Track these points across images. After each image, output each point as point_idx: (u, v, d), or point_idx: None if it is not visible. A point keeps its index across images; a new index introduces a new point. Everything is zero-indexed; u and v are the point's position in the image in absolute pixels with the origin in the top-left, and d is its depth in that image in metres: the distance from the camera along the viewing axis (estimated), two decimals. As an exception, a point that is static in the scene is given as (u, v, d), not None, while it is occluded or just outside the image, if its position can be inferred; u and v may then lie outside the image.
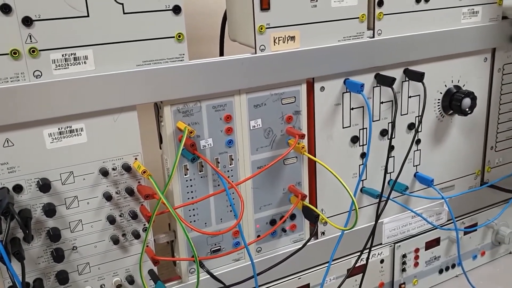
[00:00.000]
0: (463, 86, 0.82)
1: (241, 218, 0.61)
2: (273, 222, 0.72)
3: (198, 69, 0.60)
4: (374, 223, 0.75)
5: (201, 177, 0.65)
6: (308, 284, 0.77)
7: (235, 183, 0.65)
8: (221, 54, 0.80)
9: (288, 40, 0.66)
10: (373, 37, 0.72)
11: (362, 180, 0.78)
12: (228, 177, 0.67)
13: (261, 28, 0.63)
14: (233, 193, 0.67)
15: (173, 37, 0.59)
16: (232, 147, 0.66)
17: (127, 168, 0.60)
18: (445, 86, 0.80)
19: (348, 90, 0.72)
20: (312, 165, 0.73)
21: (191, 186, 0.65)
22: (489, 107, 0.87)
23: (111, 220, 0.60)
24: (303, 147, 0.68)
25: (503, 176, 0.91)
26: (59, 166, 0.57)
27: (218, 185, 0.66)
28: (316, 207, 0.75)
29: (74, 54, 0.54)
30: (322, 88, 0.70)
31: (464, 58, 0.81)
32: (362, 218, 0.80)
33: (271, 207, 0.71)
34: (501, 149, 0.91)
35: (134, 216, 0.61)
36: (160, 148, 0.65)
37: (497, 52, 0.84)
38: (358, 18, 0.70)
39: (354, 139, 0.75)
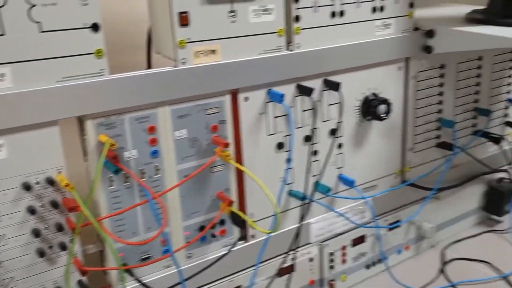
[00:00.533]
0: (380, 93, 0.88)
1: (164, 227, 0.63)
2: (202, 228, 0.75)
3: (119, 83, 0.63)
4: (300, 224, 0.80)
5: (127, 188, 0.67)
6: (240, 286, 0.81)
7: (159, 193, 0.68)
8: (149, 66, 0.83)
9: (209, 53, 0.69)
10: (293, 50, 0.76)
11: (289, 184, 0.82)
12: (155, 187, 0.69)
13: (182, 43, 0.66)
14: (158, 202, 0.69)
15: (93, 53, 0.61)
16: (158, 157, 0.69)
17: (50, 181, 0.61)
18: (363, 94, 0.86)
19: (271, 100, 0.76)
20: (240, 172, 0.77)
21: (117, 197, 0.66)
22: (406, 112, 0.94)
23: (36, 233, 0.61)
24: (228, 155, 0.71)
25: (421, 175, 0.98)
26: (-22, 183, 0.57)
27: (144, 195, 0.68)
28: (245, 212, 0.79)
29: (-8, 71, 0.55)
30: (246, 98, 0.74)
31: (380, 67, 0.87)
32: (290, 220, 0.85)
33: (200, 214, 0.75)
34: (418, 150, 0.98)
35: (59, 228, 0.63)
36: (85, 162, 0.67)
37: (411, 61, 0.91)
38: (276, 32, 0.74)
39: (280, 146, 0.79)
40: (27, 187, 0.60)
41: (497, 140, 1.06)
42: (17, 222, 0.60)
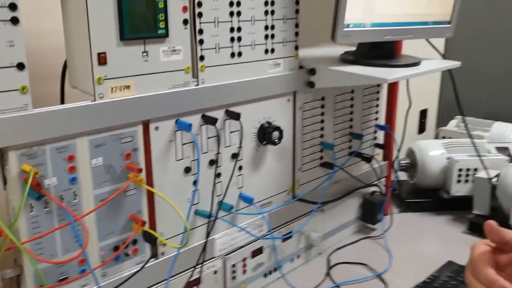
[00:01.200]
0: (273, 122, 1.03)
1: (86, 247, 0.70)
2: (116, 248, 0.82)
3: (42, 117, 0.69)
4: (206, 240, 0.90)
5: (47, 213, 0.72)
6: (152, 300, 0.89)
7: (81, 215, 0.74)
8: (62, 101, 0.88)
9: (124, 88, 0.77)
10: (198, 85, 0.87)
11: (196, 204, 0.93)
12: (73, 211, 0.75)
13: (99, 80, 0.74)
14: (78, 225, 0.75)
15: (18, 89, 0.66)
16: (76, 183, 0.75)
17: (-28, 210, 0.64)
18: (259, 122, 1.00)
19: (179, 129, 0.86)
20: (151, 195, 0.85)
21: (37, 222, 0.71)
22: (294, 137, 1.10)
23: (-44, 261, 0.64)
24: (140, 180, 0.79)
25: (308, 191, 1.14)
26: None
27: (63, 219, 0.74)
28: (156, 231, 0.87)
29: None
30: (157, 128, 0.83)
31: (273, 99, 1.02)
32: (197, 237, 0.94)
33: (114, 235, 0.81)
34: (305, 169, 1.15)
35: (-20, 255, 0.66)
36: (5, 190, 0.71)
37: (297, 94, 1.07)
38: (184, 70, 0.85)
39: (187, 170, 0.90)
40: None
41: (368, 159, 1.26)
42: None
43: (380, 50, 1.10)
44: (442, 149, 1.52)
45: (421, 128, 2.13)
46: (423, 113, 2.12)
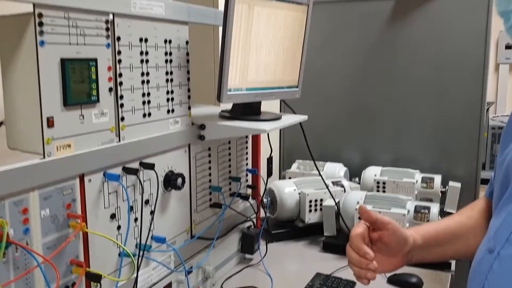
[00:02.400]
0: (175, 170, 1.23)
1: (58, 284, 0.80)
2: (61, 291, 0.91)
3: (2, 174, 0.78)
4: (136, 274, 1.04)
5: (4, 263, 0.80)
6: None
7: (47, 257, 0.83)
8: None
9: (66, 147, 0.91)
10: (120, 141, 1.04)
11: (119, 247, 1.06)
12: (25, 259, 0.84)
13: (48, 140, 0.87)
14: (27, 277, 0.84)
15: (-17, 151, 0.76)
16: (28, 234, 0.84)
17: None
18: (165, 171, 1.19)
19: (106, 180, 1.01)
20: (85, 240, 0.97)
21: (-3, 271, 0.79)
22: (190, 182, 1.31)
23: None
24: (83, 226, 0.92)
25: (203, 229, 1.35)
26: None
27: (18, 267, 0.82)
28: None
29: None
30: (90, 180, 0.97)
31: (174, 151, 1.22)
32: (123, 275, 1.07)
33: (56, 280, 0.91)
34: (200, 210, 1.36)
35: (-48, 306, 0.71)
36: (-37, 244, 0.77)
37: (191, 146, 1.30)
38: (109, 129, 1.01)
39: (112, 216, 1.04)
40: None
41: (246, 198, 1.53)
42: None
43: (250, 108, 1.40)
44: (294, 186, 1.87)
45: (269, 173, 2.51)
46: (270, 160, 2.51)
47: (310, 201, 1.80)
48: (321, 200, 1.81)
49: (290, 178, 2.16)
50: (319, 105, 2.26)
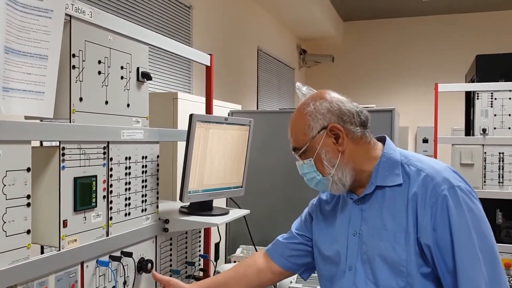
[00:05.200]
0: (145, 257, 1.58)
1: None
2: None
3: (35, 262, 1.13)
4: None
5: (30, 329, 1.13)
6: None
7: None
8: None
9: (73, 241, 1.27)
10: (108, 236, 1.41)
11: (103, 319, 1.39)
12: (43, 327, 1.16)
13: (63, 237, 1.23)
14: (47, 336, 1.16)
15: (25, 246, 1.11)
16: (47, 307, 1.17)
17: (-2, 328, 1.03)
18: (137, 258, 1.55)
19: (98, 266, 1.36)
20: (82, 313, 1.30)
21: (26, 335, 1.11)
22: (156, 267, 1.66)
23: None
24: (83, 301, 1.26)
25: (166, 305, 1.69)
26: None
27: (38, 333, 1.14)
28: None
29: (-21, 261, 1.00)
30: (87, 266, 1.32)
31: (145, 242, 1.59)
32: None
33: None
34: (163, 290, 1.70)
35: None
36: (3, 315, 1.09)
37: (158, 237, 1.67)
38: (102, 227, 1.38)
39: (101, 294, 1.38)
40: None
41: (198, 279, 1.89)
42: None
43: (205, 205, 1.81)
44: (239, 268, 2.24)
45: (217, 256, 2.87)
46: (217, 246, 2.87)
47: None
48: (262, 280, 2.18)
49: (235, 261, 2.54)
50: (260, 196, 2.71)
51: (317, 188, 1.39)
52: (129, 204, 1.51)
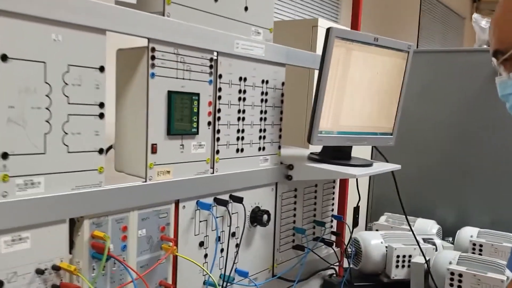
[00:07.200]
0: (261, 207, 1.28)
1: (147, 300, 0.87)
2: (147, 310, 0.99)
3: (110, 192, 0.89)
4: (216, 305, 1.09)
5: (103, 275, 0.89)
6: None
7: (141, 274, 0.92)
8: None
9: (165, 173, 1.01)
10: (213, 173, 1.13)
11: (204, 275, 1.12)
12: (120, 275, 0.93)
13: (151, 165, 0.97)
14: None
15: (97, 169, 0.87)
16: (125, 251, 0.94)
17: (56, 268, 0.81)
18: (252, 206, 1.26)
19: (199, 208, 1.09)
20: (174, 264, 1.05)
21: (95, 283, 0.88)
22: (275, 221, 1.36)
23: (40, 313, 0.79)
24: (174, 250, 1.00)
25: (284, 270, 1.38)
26: (8, 267, 0.75)
27: (114, 281, 0.91)
28: (174, 298, 1.05)
29: (32, 180, 0.78)
30: (184, 207, 1.05)
31: (261, 188, 1.29)
32: (202, 307, 1.13)
33: (146, 298, 0.99)
34: (282, 250, 1.39)
35: (57, 308, 0.81)
36: (70, 254, 0.87)
37: (278, 185, 1.35)
38: (205, 160, 1.10)
39: (201, 244, 1.11)
40: (40, 272, 0.79)
41: (330, 244, 1.55)
42: (28, 302, 0.78)
43: (341, 153, 1.44)
44: (381, 238, 1.85)
45: (355, 223, 2.49)
46: (357, 210, 2.49)
47: (398, 256, 1.76)
48: (410, 256, 1.76)
49: (377, 230, 2.13)
50: (413, 156, 2.23)
51: None
52: (242, 138, 1.21)
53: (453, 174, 2.16)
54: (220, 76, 1.12)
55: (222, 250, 1.17)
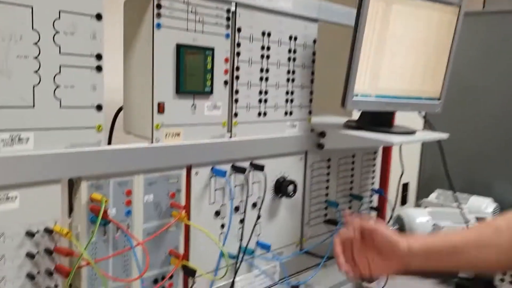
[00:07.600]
0: (288, 177, 1.19)
1: (147, 269, 0.81)
2: (155, 281, 0.93)
3: (110, 153, 0.83)
4: (233, 279, 1.02)
5: (104, 241, 0.84)
6: (178, 337, 0.98)
7: (141, 241, 0.85)
8: (109, 142, 1.02)
9: (175, 135, 0.93)
10: (231, 138, 1.04)
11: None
12: (124, 241, 0.87)
13: (157, 126, 0.90)
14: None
15: (94, 127, 0.81)
16: (130, 216, 0.87)
17: (49, 231, 0.76)
18: (276, 176, 1.16)
19: (214, 175, 1.01)
20: (187, 232, 0.98)
21: (96, 248, 0.83)
22: (304, 193, 1.26)
23: (31, 277, 0.74)
24: (184, 217, 0.93)
25: (314, 245, 1.28)
26: (-7, 228, 0.70)
27: (117, 248, 0.85)
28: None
29: (19, 135, 0.72)
30: (197, 173, 0.98)
31: (288, 157, 1.19)
32: (221, 278, 1.06)
33: (155, 268, 0.92)
34: (312, 224, 1.29)
35: (50, 274, 0.76)
36: (69, 217, 0.82)
37: (308, 154, 1.25)
38: (221, 124, 1.01)
39: (217, 213, 1.03)
40: (30, 234, 0.74)
41: (367, 219, 1.43)
42: (17, 266, 0.73)
43: (380, 119, 1.30)
44: (427, 216, 1.70)
45: (403, 201, 2.33)
46: (405, 187, 2.33)
47: (446, 235, 1.61)
48: (459, 235, 1.61)
49: (426, 207, 1.98)
50: (467, 127, 2.04)
51: None
52: (266, 100, 1.11)
53: (513, 149, 1.96)
54: (239, 29, 1.02)
55: (241, 221, 1.09)
